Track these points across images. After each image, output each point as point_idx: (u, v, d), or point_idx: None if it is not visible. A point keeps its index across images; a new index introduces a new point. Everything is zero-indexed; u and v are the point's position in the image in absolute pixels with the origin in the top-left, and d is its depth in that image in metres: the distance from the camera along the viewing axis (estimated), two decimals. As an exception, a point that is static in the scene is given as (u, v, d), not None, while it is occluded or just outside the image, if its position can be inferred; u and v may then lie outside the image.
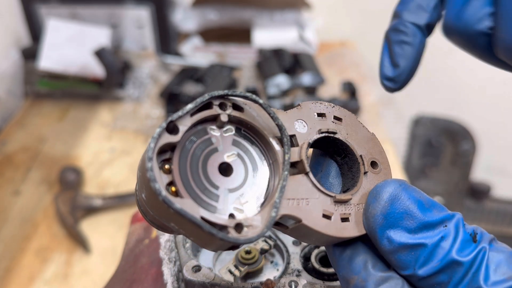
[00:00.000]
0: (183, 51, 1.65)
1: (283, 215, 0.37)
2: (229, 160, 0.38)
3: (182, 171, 0.36)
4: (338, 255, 0.39)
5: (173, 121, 0.36)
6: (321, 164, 0.44)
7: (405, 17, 0.49)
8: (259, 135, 0.40)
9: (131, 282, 0.56)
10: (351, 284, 0.37)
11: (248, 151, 0.39)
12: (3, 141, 1.30)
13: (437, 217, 0.36)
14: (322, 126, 0.42)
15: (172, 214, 0.34)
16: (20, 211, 1.08)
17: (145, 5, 1.50)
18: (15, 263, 0.95)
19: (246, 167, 0.39)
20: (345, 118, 0.44)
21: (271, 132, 0.40)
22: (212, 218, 0.34)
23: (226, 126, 0.39)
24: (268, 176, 0.39)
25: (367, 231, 0.38)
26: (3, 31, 1.43)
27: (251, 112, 0.40)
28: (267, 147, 0.40)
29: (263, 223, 0.36)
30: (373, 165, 0.42)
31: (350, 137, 0.43)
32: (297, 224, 0.38)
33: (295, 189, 0.38)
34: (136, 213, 0.67)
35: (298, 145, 0.40)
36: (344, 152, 0.43)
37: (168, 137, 0.36)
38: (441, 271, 0.35)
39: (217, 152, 0.38)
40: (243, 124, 0.40)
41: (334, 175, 0.44)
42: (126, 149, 1.27)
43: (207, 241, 0.36)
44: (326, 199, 0.39)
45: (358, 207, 0.40)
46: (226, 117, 0.38)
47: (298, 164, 0.40)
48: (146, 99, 1.44)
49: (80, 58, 1.40)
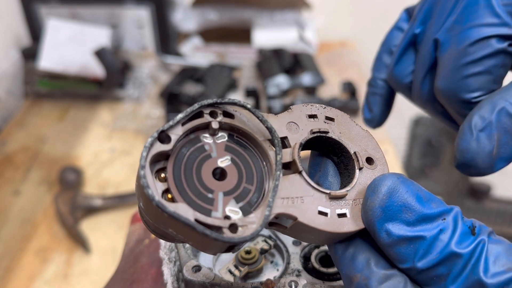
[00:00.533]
0: (183, 51, 1.65)
1: (278, 214, 0.38)
2: (222, 165, 0.39)
3: (177, 178, 0.37)
4: (340, 253, 0.40)
5: (164, 131, 0.37)
6: (319, 164, 0.45)
7: (375, 74, 0.62)
8: (251, 139, 0.41)
9: (131, 282, 0.56)
10: (354, 282, 0.38)
11: (241, 155, 0.40)
12: (3, 141, 1.30)
13: (435, 210, 0.36)
14: (314, 127, 0.43)
15: (167, 219, 0.35)
16: (20, 211, 1.08)
17: (145, 5, 1.50)
18: (15, 263, 0.95)
19: (240, 171, 0.39)
20: (337, 118, 0.44)
21: (263, 135, 0.41)
22: (206, 220, 0.35)
23: (218, 133, 0.40)
24: (264, 178, 0.40)
25: (366, 225, 0.38)
26: (3, 31, 1.43)
27: (241, 117, 0.41)
28: (260, 151, 0.41)
29: (258, 222, 0.36)
30: (369, 161, 0.43)
31: (343, 136, 0.43)
32: (294, 222, 0.38)
33: (289, 188, 0.39)
34: (136, 213, 0.67)
35: (291, 146, 0.41)
36: (339, 151, 0.44)
37: (160, 146, 0.37)
38: (440, 263, 0.35)
39: (211, 158, 0.39)
40: (234, 130, 0.41)
41: (333, 174, 0.44)
42: (126, 149, 1.27)
43: (203, 243, 0.36)
44: (321, 196, 0.39)
45: (355, 202, 0.40)
46: (217, 124, 0.39)
47: (291, 164, 0.40)
48: (146, 99, 1.44)
49: (80, 58, 1.40)
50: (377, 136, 0.46)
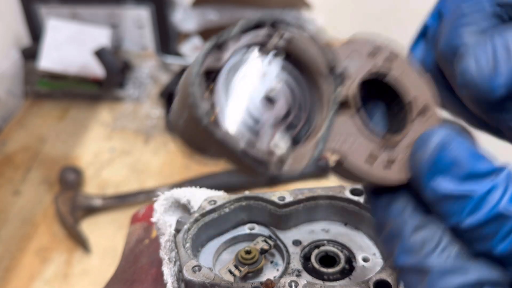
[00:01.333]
0: (183, 51, 1.66)
1: (327, 151, 0.36)
2: (275, 88, 0.36)
3: (224, 98, 0.34)
4: (376, 198, 0.38)
5: (218, 44, 0.34)
6: (366, 105, 0.42)
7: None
8: (306, 68, 0.38)
9: (131, 282, 0.57)
10: (386, 230, 0.36)
11: (294, 82, 0.38)
12: (3, 141, 1.30)
13: (487, 168, 0.35)
14: (372, 66, 0.40)
15: (213, 142, 0.32)
16: (20, 211, 1.08)
17: (145, 5, 1.50)
18: (15, 262, 0.95)
19: (293, 98, 0.37)
20: (397, 60, 0.41)
21: (319, 67, 0.38)
22: (253, 151, 0.33)
23: (273, 54, 0.37)
24: (313, 112, 0.38)
25: (412, 177, 0.36)
26: (4, 31, 1.43)
27: (300, 43, 0.37)
28: (313, 82, 0.38)
29: (307, 157, 0.35)
30: (423, 111, 0.40)
31: (401, 80, 0.40)
32: (340, 162, 0.36)
33: (341, 128, 0.37)
34: (136, 213, 0.67)
35: (347, 83, 0.38)
36: (393, 95, 0.41)
37: (212, 61, 0.34)
38: (488, 222, 0.34)
39: (262, 80, 0.36)
40: (291, 54, 0.37)
41: (379, 118, 0.43)
42: (126, 149, 1.27)
43: (246, 172, 0.35)
44: (372, 141, 0.38)
45: (404, 151, 0.38)
46: (274, 45, 0.36)
47: (345, 103, 0.38)
48: (146, 99, 1.45)
49: (80, 58, 1.40)
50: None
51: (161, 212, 0.59)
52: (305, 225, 0.56)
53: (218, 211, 0.55)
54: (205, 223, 0.54)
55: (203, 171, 1.14)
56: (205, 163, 0.39)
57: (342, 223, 0.56)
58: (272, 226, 0.56)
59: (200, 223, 0.53)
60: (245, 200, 0.55)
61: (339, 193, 0.55)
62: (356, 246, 0.53)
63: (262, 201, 0.55)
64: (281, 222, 0.55)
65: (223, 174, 1.09)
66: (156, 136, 1.32)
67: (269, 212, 0.55)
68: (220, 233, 0.56)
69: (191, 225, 0.52)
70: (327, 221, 0.56)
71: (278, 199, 0.54)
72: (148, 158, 1.24)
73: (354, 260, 0.52)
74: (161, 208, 0.59)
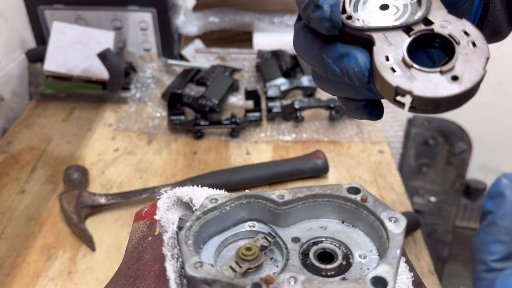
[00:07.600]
0: (185, 53, 1.67)
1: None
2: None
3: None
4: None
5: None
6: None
7: None
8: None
9: (135, 278, 0.58)
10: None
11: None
12: (8, 141, 1.32)
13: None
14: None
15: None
16: (25, 210, 1.09)
17: (149, 9, 1.52)
18: (20, 260, 0.97)
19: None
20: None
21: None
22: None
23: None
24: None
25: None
26: (9, 33, 1.45)
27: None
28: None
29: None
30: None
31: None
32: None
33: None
34: (140, 211, 0.68)
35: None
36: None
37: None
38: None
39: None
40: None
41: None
42: (130, 149, 1.29)
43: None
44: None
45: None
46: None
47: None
48: (149, 101, 1.46)
49: (84, 60, 1.42)
50: (374, 136, 0.47)
51: (164, 210, 0.60)
52: (303, 223, 0.57)
53: (219, 209, 0.56)
54: (206, 220, 0.55)
55: (204, 171, 1.16)
56: (205, 163, 0.40)
57: (339, 220, 0.57)
58: (272, 224, 0.57)
59: (201, 220, 0.54)
60: (246, 199, 0.56)
61: (336, 191, 0.56)
62: (353, 243, 0.54)
63: (262, 200, 0.56)
64: (280, 219, 0.56)
65: (224, 174, 1.10)
66: (159, 136, 1.33)
67: (268, 210, 0.56)
68: (221, 230, 0.57)
69: (193, 222, 0.53)
70: (325, 218, 0.57)
71: (278, 198, 0.55)
72: (151, 158, 1.25)
73: (351, 256, 0.53)
74: (164, 206, 0.60)
